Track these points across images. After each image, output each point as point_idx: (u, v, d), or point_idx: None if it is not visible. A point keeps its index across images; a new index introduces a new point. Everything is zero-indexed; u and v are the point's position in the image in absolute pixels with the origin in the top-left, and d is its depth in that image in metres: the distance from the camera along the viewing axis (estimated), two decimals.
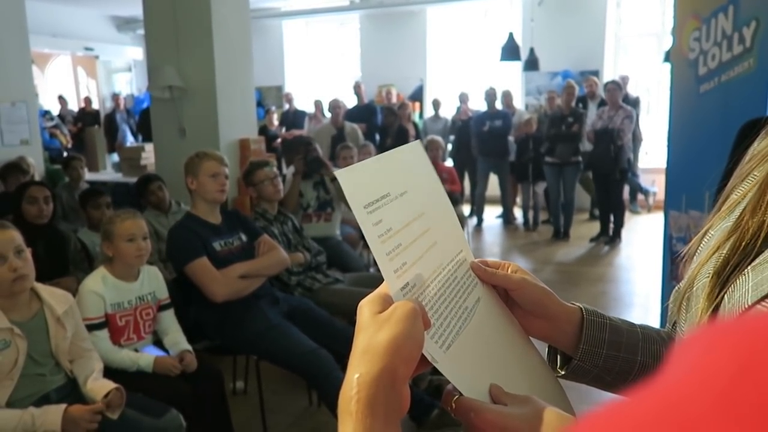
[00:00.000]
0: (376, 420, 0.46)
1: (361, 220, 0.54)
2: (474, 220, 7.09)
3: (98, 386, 1.88)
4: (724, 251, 0.52)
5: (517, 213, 7.29)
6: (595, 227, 6.38)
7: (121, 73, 11.83)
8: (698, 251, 0.58)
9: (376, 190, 0.57)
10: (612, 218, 6.10)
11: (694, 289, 0.55)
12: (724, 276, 0.51)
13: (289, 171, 4.26)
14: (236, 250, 2.59)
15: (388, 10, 9.17)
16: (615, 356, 0.67)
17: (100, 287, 2.21)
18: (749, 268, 0.49)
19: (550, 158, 6.10)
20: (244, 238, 2.65)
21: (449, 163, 7.21)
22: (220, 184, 2.56)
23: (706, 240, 0.58)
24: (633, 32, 8.64)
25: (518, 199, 7.35)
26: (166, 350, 2.30)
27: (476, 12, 9.19)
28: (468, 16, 9.34)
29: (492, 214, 7.38)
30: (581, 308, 0.68)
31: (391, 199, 0.58)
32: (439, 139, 6.31)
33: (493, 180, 7.02)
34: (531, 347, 0.69)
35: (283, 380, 2.99)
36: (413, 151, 0.66)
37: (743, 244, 0.51)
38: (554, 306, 0.67)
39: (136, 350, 2.26)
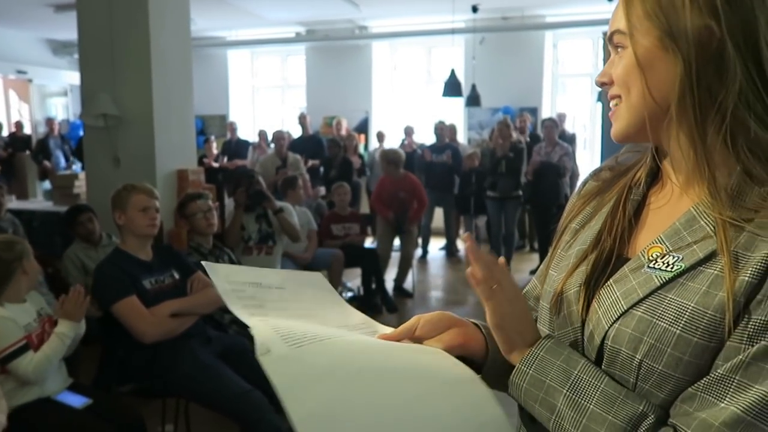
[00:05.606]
0: None
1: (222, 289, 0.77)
2: (419, 252, 7.12)
3: None
4: (588, 267, 0.71)
5: (460, 245, 7.37)
6: (536, 259, 6.50)
7: (56, 97, 11.38)
8: (552, 270, 0.77)
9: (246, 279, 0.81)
10: None
11: (565, 295, 0.72)
12: (591, 286, 0.70)
13: (230, 202, 4.16)
14: (167, 288, 2.46)
15: (334, 43, 9.25)
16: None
17: (6, 312, 2.08)
18: (611, 281, 0.67)
19: (492, 192, 6.22)
20: (176, 275, 2.53)
21: None
22: (150, 219, 2.44)
23: (556, 261, 0.77)
24: (569, 72, 9.05)
25: (461, 231, 7.44)
26: (83, 395, 2.15)
27: (421, 48, 9.40)
28: (413, 52, 9.54)
29: (436, 246, 7.44)
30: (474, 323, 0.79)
31: (261, 286, 0.80)
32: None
33: (438, 212, 7.09)
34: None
35: (214, 423, 2.85)
36: (315, 280, 0.91)
37: (602, 259, 0.70)
38: (450, 316, 0.77)
39: None
